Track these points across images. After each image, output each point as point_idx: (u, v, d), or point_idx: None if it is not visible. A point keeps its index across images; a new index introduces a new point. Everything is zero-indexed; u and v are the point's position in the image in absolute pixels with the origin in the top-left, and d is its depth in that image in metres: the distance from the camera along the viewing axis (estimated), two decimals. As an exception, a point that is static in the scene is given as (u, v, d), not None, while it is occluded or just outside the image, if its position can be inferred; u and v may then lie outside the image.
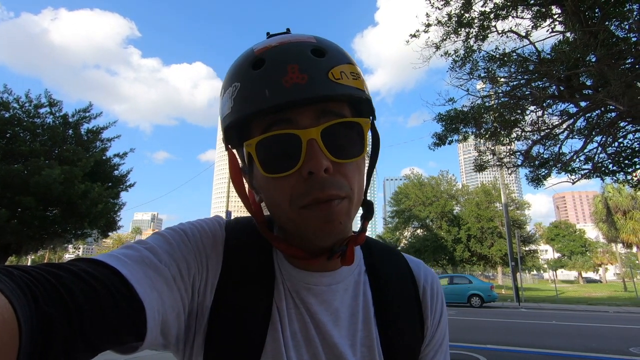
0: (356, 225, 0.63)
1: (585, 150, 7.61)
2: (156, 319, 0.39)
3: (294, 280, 0.53)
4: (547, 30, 7.04)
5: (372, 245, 0.63)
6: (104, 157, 10.70)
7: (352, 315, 0.54)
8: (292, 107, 0.44)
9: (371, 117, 0.52)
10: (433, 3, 7.26)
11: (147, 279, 0.40)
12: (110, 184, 10.87)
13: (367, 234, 0.56)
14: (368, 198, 0.55)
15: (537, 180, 8.09)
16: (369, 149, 0.53)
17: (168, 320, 0.42)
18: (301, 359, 0.49)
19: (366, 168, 0.55)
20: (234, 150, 0.54)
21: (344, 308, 0.54)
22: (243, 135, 0.49)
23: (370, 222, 0.57)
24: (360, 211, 0.55)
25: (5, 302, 0.26)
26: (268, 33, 0.54)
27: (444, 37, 7.49)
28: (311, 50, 0.46)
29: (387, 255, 0.63)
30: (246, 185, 0.55)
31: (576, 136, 7.74)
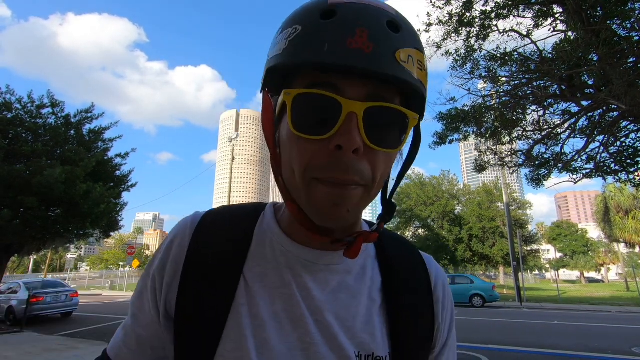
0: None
1: (587, 150, 7.59)
2: None
3: (290, 256, 0.50)
4: (549, 30, 7.03)
5: (381, 232, 0.55)
6: (105, 158, 10.72)
7: (353, 298, 0.51)
8: (345, 72, 0.40)
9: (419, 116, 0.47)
10: (434, 2, 7.26)
11: (130, 353, 0.53)
12: (112, 184, 10.89)
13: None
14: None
15: (537, 181, 8.08)
16: (405, 147, 0.49)
17: None
18: (285, 339, 0.46)
19: (399, 168, 0.50)
20: (269, 96, 0.49)
21: (343, 289, 0.51)
22: (284, 83, 0.45)
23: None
24: (380, 210, 0.52)
25: None
26: None
27: (445, 37, 7.49)
28: (387, 21, 0.41)
29: (397, 242, 0.60)
30: None
31: (578, 136, 7.72)
